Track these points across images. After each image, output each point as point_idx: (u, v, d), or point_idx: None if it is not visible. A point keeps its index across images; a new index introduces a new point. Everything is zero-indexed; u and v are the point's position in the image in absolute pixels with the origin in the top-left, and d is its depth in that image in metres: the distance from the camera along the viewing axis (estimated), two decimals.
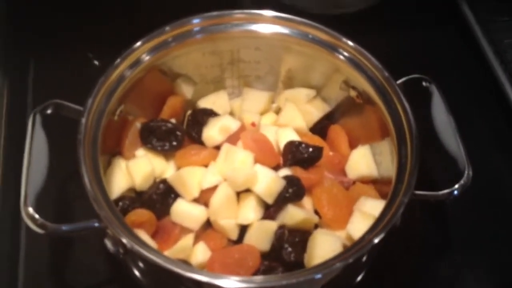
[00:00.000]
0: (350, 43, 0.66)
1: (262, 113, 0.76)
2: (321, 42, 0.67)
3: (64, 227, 0.56)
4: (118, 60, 0.65)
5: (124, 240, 0.53)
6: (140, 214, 0.64)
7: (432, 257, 0.70)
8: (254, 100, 0.76)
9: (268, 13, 0.69)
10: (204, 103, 0.75)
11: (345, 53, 0.67)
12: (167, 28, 0.67)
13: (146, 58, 0.67)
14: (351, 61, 0.66)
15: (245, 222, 0.64)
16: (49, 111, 0.63)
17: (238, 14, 0.68)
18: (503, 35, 0.84)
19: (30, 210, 0.55)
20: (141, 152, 0.69)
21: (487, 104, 0.81)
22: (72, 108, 0.63)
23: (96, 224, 0.56)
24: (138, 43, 0.66)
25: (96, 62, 0.89)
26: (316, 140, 0.71)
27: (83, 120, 0.59)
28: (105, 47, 0.86)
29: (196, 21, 0.68)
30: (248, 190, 0.64)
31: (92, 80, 0.82)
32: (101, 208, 0.54)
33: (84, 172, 0.56)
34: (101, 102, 0.62)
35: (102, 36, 0.88)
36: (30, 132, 0.61)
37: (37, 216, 0.55)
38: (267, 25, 0.69)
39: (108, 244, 0.57)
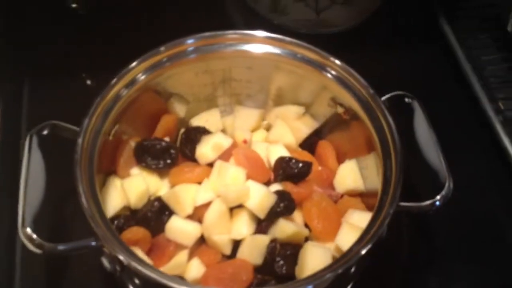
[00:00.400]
0: (338, 62, 0.69)
1: (253, 130, 0.78)
2: (310, 61, 0.70)
3: (62, 247, 0.57)
4: (114, 80, 0.67)
5: (122, 258, 0.54)
6: (135, 231, 0.65)
7: (417, 268, 0.72)
8: (246, 117, 0.78)
9: (260, 33, 0.72)
10: (197, 121, 0.77)
11: (333, 72, 0.69)
12: (162, 48, 0.69)
13: (141, 78, 0.69)
14: (339, 79, 0.69)
15: (238, 237, 0.65)
16: (45, 132, 0.65)
17: (231, 34, 0.71)
18: (481, 52, 0.88)
19: (28, 230, 0.57)
20: (135, 171, 0.71)
21: (466, 119, 0.84)
22: (68, 128, 0.65)
23: (93, 243, 0.57)
24: (134, 63, 0.68)
25: (89, 82, 0.92)
26: (305, 156, 0.74)
27: (80, 141, 0.61)
28: (97, 67, 0.90)
29: (190, 41, 0.70)
30: (240, 206, 0.66)
31: (85, 99, 0.85)
32: (98, 227, 0.56)
33: (81, 192, 0.57)
34: (97, 122, 0.64)
35: (94, 56, 0.90)
36: (27, 154, 0.62)
37: (34, 236, 0.57)
38: (259, 45, 0.71)
39: (105, 262, 0.59)
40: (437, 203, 0.60)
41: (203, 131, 0.75)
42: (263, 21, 0.95)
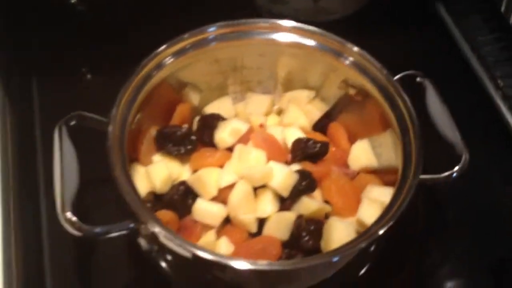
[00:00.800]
0: (355, 48, 0.72)
1: (265, 115, 0.80)
2: (328, 48, 0.73)
3: (99, 229, 0.60)
4: (138, 68, 0.69)
5: (165, 234, 0.57)
6: (164, 215, 0.68)
7: (432, 241, 0.76)
8: (257, 103, 0.81)
9: (287, 23, 0.75)
10: (211, 109, 0.80)
11: (349, 57, 0.72)
12: (186, 35, 0.72)
13: (163, 67, 0.71)
14: (353, 63, 0.72)
15: (263, 215, 0.68)
16: (73, 123, 0.66)
17: (260, 23, 0.74)
18: (477, 33, 0.92)
19: (69, 214, 0.59)
20: (157, 158, 0.73)
21: (469, 97, 0.87)
22: (94, 118, 0.67)
23: (131, 225, 0.60)
24: (160, 49, 0.71)
25: (89, 76, 0.93)
26: (319, 137, 0.76)
27: (110, 128, 0.63)
28: (97, 62, 0.92)
29: (212, 29, 0.73)
30: (264, 186, 0.69)
31: (87, 93, 0.87)
32: (138, 207, 0.58)
33: (119, 175, 0.59)
34: (123, 111, 0.66)
35: (94, 52, 0.92)
36: (58, 143, 0.64)
37: (74, 219, 0.59)
38: (284, 34, 0.75)
39: (142, 242, 0.61)
40: (455, 174, 0.64)
41: (218, 118, 0.77)
42: (262, 10, 0.97)
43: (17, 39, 0.92)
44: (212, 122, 0.76)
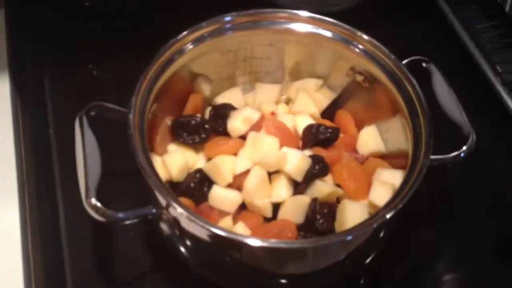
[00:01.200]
0: (365, 36, 0.74)
1: (275, 104, 0.83)
2: (339, 37, 0.76)
3: (123, 215, 0.61)
4: (155, 60, 0.70)
5: (191, 217, 0.59)
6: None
7: (437, 222, 0.78)
8: (266, 93, 0.83)
9: (304, 13, 0.77)
10: (221, 99, 0.82)
11: (360, 45, 0.75)
12: (204, 24, 0.74)
13: (183, 54, 0.73)
14: (363, 51, 0.74)
15: (278, 200, 0.70)
16: (93, 113, 0.68)
17: (277, 13, 0.76)
18: (474, 22, 0.96)
19: (93, 201, 0.60)
20: (172, 147, 0.75)
21: (469, 83, 0.90)
22: (113, 109, 0.69)
23: (153, 210, 0.62)
24: (180, 35, 0.73)
25: (95, 72, 0.95)
26: (328, 124, 0.79)
27: (131, 116, 0.65)
28: (102, 58, 0.93)
29: (228, 18, 0.74)
30: (278, 171, 0.71)
31: (92, 87, 0.88)
32: (162, 190, 0.60)
33: (142, 161, 0.61)
34: (142, 100, 0.68)
35: (99, 49, 0.94)
36: (79, 133, 0.65)
37: (99, 205, 0.61)
38: (299, 24, 0.77)
39: (164, 227, 0.63)
40: (462, 154, 0.66)
41: (230, 107, 0.79)
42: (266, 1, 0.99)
43: (27, 36, 0.94)
44: (224, 111, 0.78)
